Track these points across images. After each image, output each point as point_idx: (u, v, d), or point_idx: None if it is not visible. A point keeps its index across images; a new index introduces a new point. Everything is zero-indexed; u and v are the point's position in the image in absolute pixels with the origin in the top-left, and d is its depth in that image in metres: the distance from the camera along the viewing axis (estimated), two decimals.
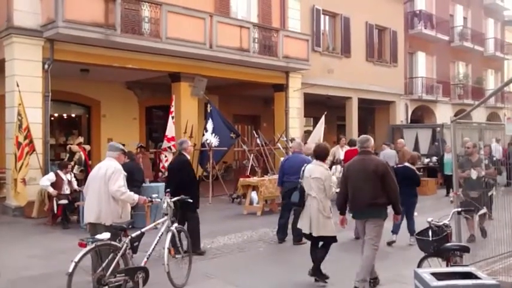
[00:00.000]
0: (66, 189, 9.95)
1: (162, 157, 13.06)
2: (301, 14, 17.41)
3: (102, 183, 5.37)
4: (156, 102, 17.09)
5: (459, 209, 5.75)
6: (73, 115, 16.29)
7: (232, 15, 15.19)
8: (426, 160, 17.73)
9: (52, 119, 12.85)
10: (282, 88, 16.73)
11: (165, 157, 12.96)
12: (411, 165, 8.35)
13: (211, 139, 13.18)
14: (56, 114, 14.94)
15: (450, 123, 6.12)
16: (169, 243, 5.63)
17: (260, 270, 6.64)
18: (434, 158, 17.16)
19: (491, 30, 30.27)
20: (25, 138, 10.32)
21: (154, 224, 5.80)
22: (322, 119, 15.36)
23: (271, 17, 16.35)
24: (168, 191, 6.52)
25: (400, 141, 13.39)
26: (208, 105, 13.87)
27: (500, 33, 31.45)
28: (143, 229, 5.37)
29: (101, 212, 5.35)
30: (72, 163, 11.07)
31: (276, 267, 6.81)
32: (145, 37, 12.04)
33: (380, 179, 5.44)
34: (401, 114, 22.82)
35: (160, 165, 13.14)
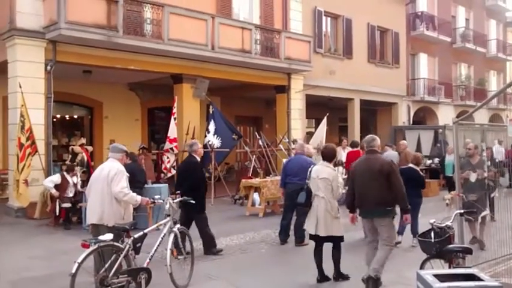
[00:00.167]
0: (71, 191, 9.96)
1: (164, 158, 13.08)
2: (303, 16, 17.42)
3: (105, 185, 5.38)
4: (158, 103, 17.13)
5: (461, 210, 5.73)
6: (75, 116, 16.31)
7: (234, 17, 15.20)
8: (428, 161, 17.70)
9: (54, 120, 12.87)
10: (284, 89, 16.73)
11: (167, 158, 12.99)
12: (415, 166, 8.34)
13: (213, 140, 13.18)
14: (59, 116, 14.98)
15: (452, 125, 6.11)
16: (171, 244, 5.64)
17: (262, 272, 6.64)
18: (437, 160, 17.13)
19: (493, 32, 30.20)
20: (27, 139, 10.34)
21: (157, 225, 5.81)
22: (324, 120, 15.37)
23: (273, 18, 16.36)
24: (178, 192, 6.54)
25: (402, 142, 13.33)
26: (210, 107, 13.89)
27: (502, 34, 31.38)
28: (146, 230, 5.37)
29: (103, 213, 5.36)
30: (74, 164, 11.10)
31: (278, 269, 6.81)
32: (147, 38, 12.07)
33: (385, 178, 5.47)
34: (403, 116, 22.81)
35: (163, 167, 13.16)
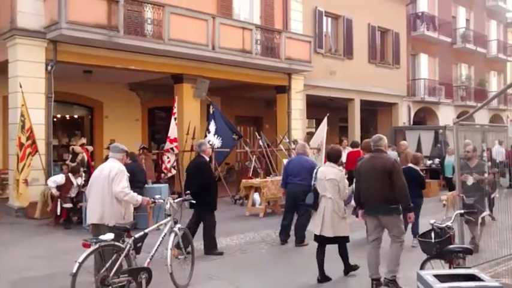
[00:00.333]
0: (73, 192, 9.97)
1: (165, 158, 13.07)
2: (304, 16, 17.42)
3: (106, 184, 5.38)
4: (158, 103, 17.13)
5: (462, 211, 5.73)
6: (76, 116, 16.31)
7: (235, 17, 15.21)
8: (429, 162, 17.70)
9: (55, 120, 12.88)
10: (284, 90, 16.73)
11: (168, 158, 12.99)
12: (415, 166, 8.34)
13: (213, 140, 13.17)
14: (59, 115, 14.97)
15: (453, 125, 6.11)
16: (172, 244, 5.64)
17: (262, 272, 6.65)
18: (437, 160, 17.13)
19: (493, 32, 30.20)
20: (28, 139, 10.35)
21: (158, 225, 5.81)
22: (325, 120, 15.34)
23: (274, 18, 16.36)
24: (187, 192, 6.57)
25: (403, 143, 13.34)
26: (211, 107, 13.89)
27: (503, 35, 31.39)
28: (146, 230, 5.38)
29: (104, 213, 5.36)
30: (74, 164, 11.09)
31: (279, 269, 6.82)
32: (148, 38, 12.07)
33: (388, 176, 5.56)
34: (403, 116, 22.81)
35: (163, 167, 13.15)
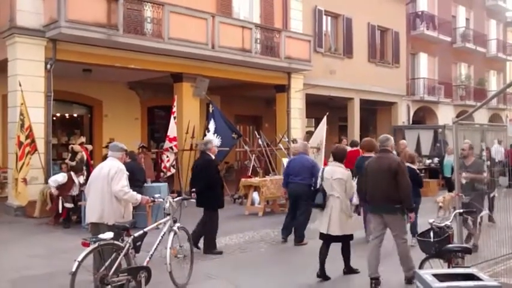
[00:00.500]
0: (75, 191, 9.98)
1: (164, 157, 13.07)
2: (303, 15, 17.41)
3: (105, 183, 5.38)
4: (158, 102, 17.12)
5: (461, 210, 5.73)
6: (75, 115, 16.31)
7: (235, 16, 15.19)
8: (428, 161, 17.70)
9: (54, 118, 12.86)
10: (284, 89, 16.73)
11: (167, 157, 12.98)
12: (412, 165, 8.33)
13: (213, 139, 13.16)
14: (58, 114, 14.97)
15: (452, 125, 6.11)
16: (171, 243, 5.64)
17: (262, 271, 6.65)
18: (436, 159, 17.12)
19: (493, 32, 30.19)
20: (27, 137, 10.34)
21: (157, 224, 5.81)
22: (324, 119, 15.31)
23: (273, 17, 16.35)
24: (193, 190, 6.57)
25: (402, 142, 13.27)
26: (210, 106, 13.88)
27: (502, 34, 31.37)
28: (146, 229, 5.38)
29: (103, 212, 5.36)
30: (74, 163, 11.08)
31: (278, 268, 6.82)
32: (147, 37, 12.06)
33: (393, 176, 5.64)
34: (403, 115, 22.81)
35: (162, 166, 13.15)
